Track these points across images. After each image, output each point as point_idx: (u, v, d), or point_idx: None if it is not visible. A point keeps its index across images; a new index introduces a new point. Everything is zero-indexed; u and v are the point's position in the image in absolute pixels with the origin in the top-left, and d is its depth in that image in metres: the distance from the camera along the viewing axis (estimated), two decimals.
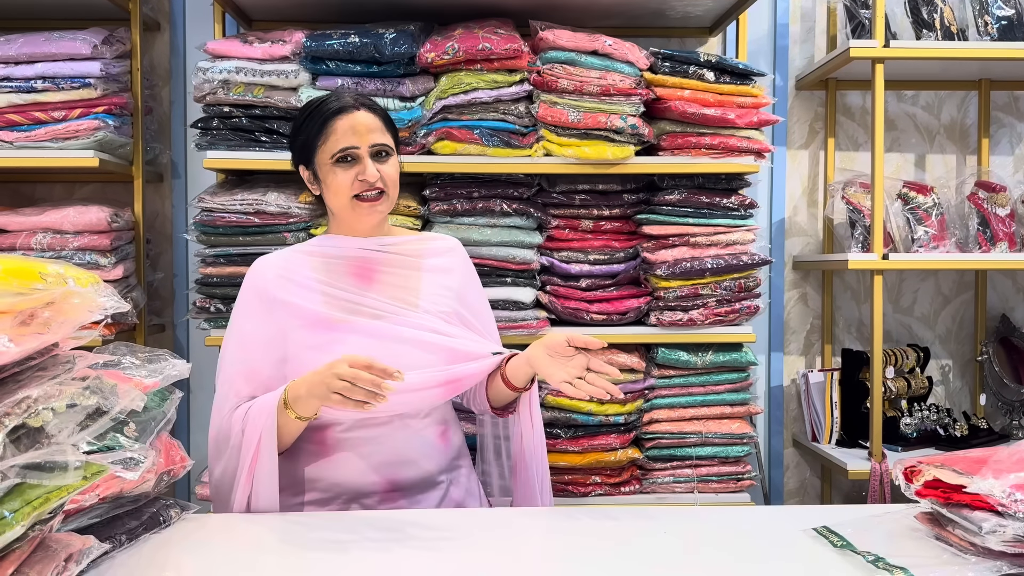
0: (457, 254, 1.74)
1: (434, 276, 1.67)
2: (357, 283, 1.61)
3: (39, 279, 0.89)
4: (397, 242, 1.68)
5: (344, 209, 1.61)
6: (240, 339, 1.60)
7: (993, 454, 1.16)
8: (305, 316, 1.56)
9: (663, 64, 2.22)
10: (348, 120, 1.58)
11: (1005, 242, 2.51)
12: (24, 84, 2.20)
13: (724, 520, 1.43)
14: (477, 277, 1.78)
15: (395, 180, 1.63)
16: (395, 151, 1.64)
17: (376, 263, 1.64)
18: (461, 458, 1.70)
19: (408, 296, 1.62)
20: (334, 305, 1.58)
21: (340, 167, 1.58)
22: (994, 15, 2.46)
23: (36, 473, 0.85)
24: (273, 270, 1.61)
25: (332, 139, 1.58)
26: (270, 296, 1.59)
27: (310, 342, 1.55)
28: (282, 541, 1.31)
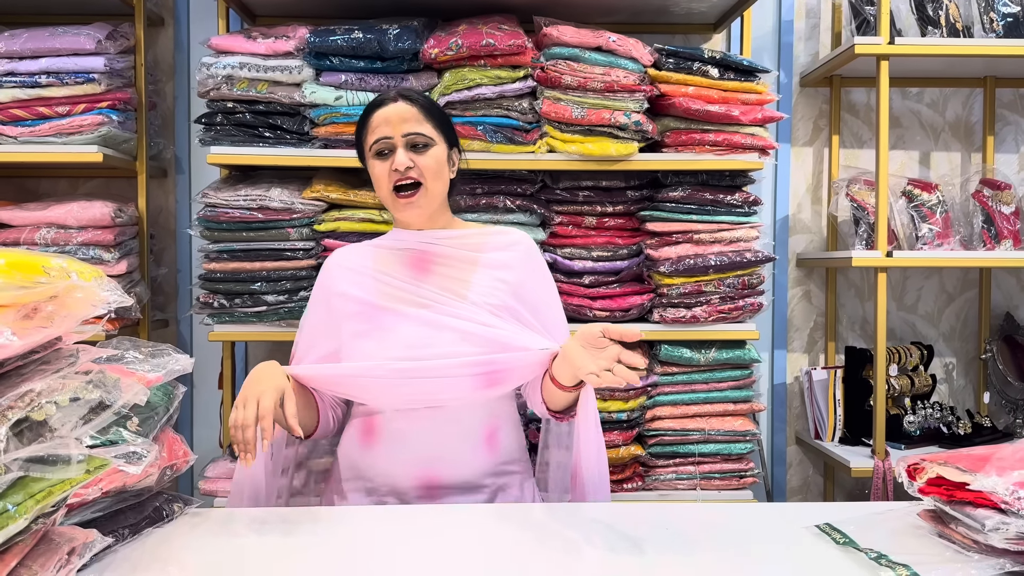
0: (519, 248, 1.67)
1: (490, 270, 1.63)
2: (411, 273, 1.61)
3: (42, 273, 0.89)
4: (456, 235, 1.66)
5: (388, 202, 1.62)
6: (301, 329, 1.68)
7: (996, 452, 1.16)
8: (355, 302, 1.59)
9: (667, 60, 2.21)
10: (383, 112, 1.59)
11: (1010, 240, 2.50)
12: (28, 79, 2.20)
13: (727, 517, 1.43)
14: (543, 274, 1.71)
15: (435, 171, 1.60)
16: (439, 142, 1.61)
17: (433, 255, 1.63)
18: (513, 464, 1.63)
19: (459, 288, 1.60)
20: (383, 293, 1.59)
21: (378, 160, 1.60)
22: (999, 12, 2.45)
23: (39, 466, 0.85)
24: (337, 261, 1.67)
25: (370, 132, 1.61)
26: (330, 287, 1.64)
27: (358, 329, 1.57)
28: (285, 535, 1.31)
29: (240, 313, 2.18)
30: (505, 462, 1.61)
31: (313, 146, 2.20)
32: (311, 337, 1.64)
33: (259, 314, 2.18)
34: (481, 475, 1.57)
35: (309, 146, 2.20)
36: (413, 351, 1.52)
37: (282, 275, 2.18)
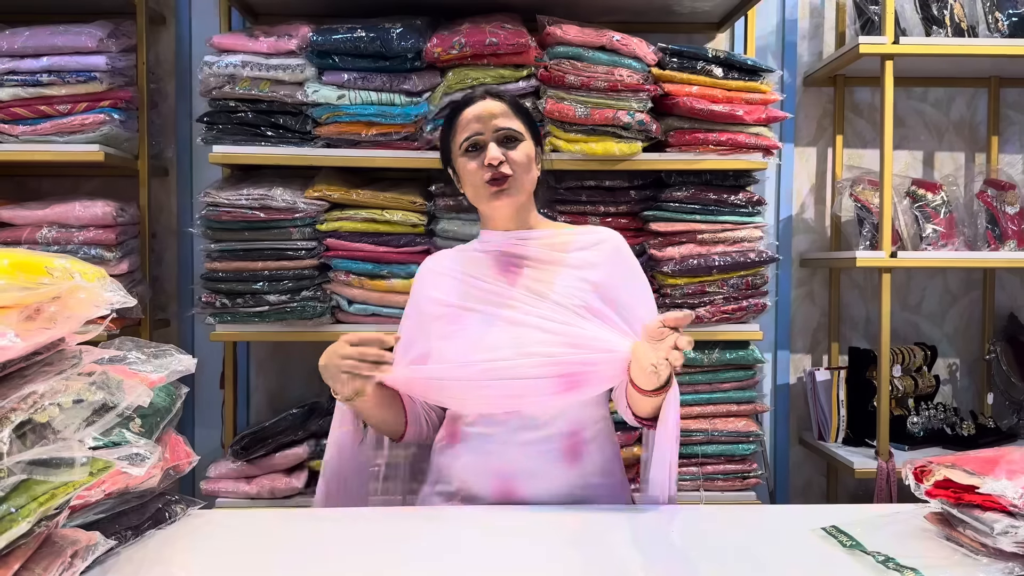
0: (605, 248, 1.64)
1: (574, 270, 1.60)
2: (495, 275, 1.61)
3: (45, 273, 0.88)
4: (542, 235, 1.65)
5: (479, 199, 1.61)
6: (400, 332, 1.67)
7: (1006, 454, 1.15)
8: (441, 305, 1.61)
9: (671, 60, 2.20)
10: (473, 110, 1.60)
11: (1014, 240, 2.49)
12: (30, 77, 2.19)
13: (732, 519, 1.42)
14: (634, 273, 1.66)
15: (525, 165, 1.59)
16: (527, 137, 1.61)
17: (518, 256, 1.62)
18: (603, 476, 1.57)
19: (542, 288, 1.58)
20: (467, 295, 1.60)
21: (468, 156, 1.59)
22: (1005, 12, 2.44)
23: (42, 469, 0.84)
24: (428, 266, 1.71)
25: (459, 130, 1.61)
26: (419, 291, 1.68)
27: (443, 331, 1.58)
28: (287, 537, 1.30)
29: (242, 313, 2.17)
30: (592, 474, 1.55)
31: (315, 145, 2.19)
32: (406, 340, 1.65)
33: (261, 314, 2.17)
34: (562, 490, 1.52)
35: (311, 145, 2.19)
36: (495, 352, 1.51)
37: (284, 275, 2.17)
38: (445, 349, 1.57)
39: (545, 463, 1.52)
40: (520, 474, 1.51)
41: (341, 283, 2.20)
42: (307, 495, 2.19)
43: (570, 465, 1.53)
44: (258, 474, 2.19)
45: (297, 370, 2.63)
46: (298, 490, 2.17)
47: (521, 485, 1.51)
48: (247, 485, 2.17)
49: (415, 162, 2.19)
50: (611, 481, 1.59)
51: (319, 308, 2.17)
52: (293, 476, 2.18)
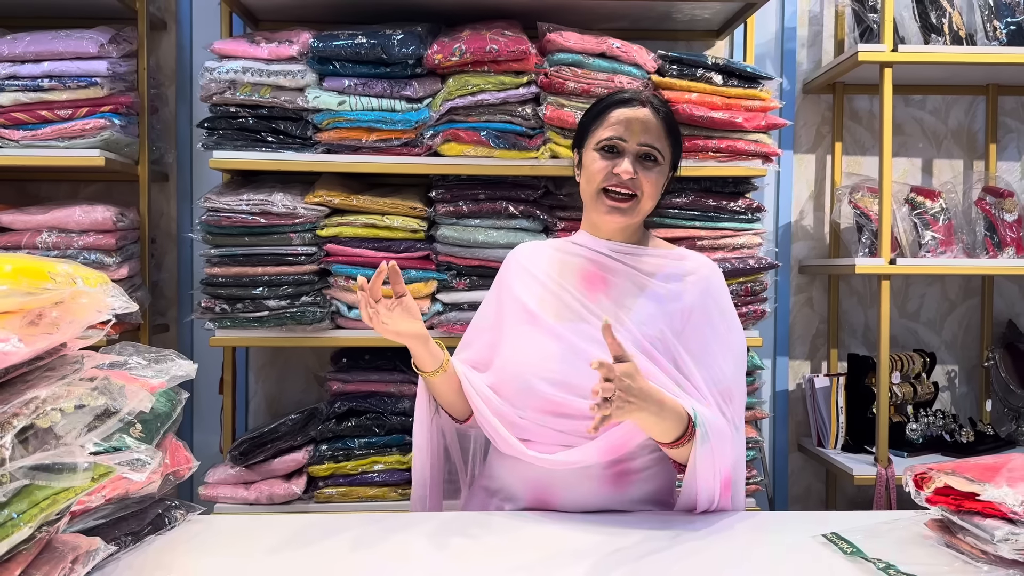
0: (694, 279, 1.55)
1: (656, 301, 1.53)
2: (580, 286, 1.57)
3: (48, 279, 0.88)
4: (636, 252, 1.58)
5: (591, 200, 1.56)
6: (476, 317, 1.70)
7: (1007, 462, 1.15)
8: (519, 306, 1.59)
9: (671, 67, 2.21)
10: (626, 112, 1.54)
11: (1012, 248, 2.50)
12: (31, 83, 2.19)
13: (732, 525, 1.42)
14: (721, 310, 1.56)
15: (654, 191, 1.54)
16: (667, 162, 1.56)
17: (606, 272, 1.57)
18: (650, 504, 1.53)
19: (619, 311, 1.53)
20: (546, 302, 1.57)
21: (601, 155, 1.54)
22: (1003, 20, 2.45)
23: (44, 474, 0.84)
24: (517, 258, 1.68)
25: (604, 126, 1.55)
26: (506, 283, 1.65)
27: (513, 331, 1.57)
28: (287, 542, 1.30)
29: (241, 318, 2.17)
30: (638, 501, 1.51)
31: (316, 151, 2.19)
32: (481, 324, 1.66)
33: (260, 319, 2.17)
34: (603, 507, 1.49)
35: (312, 151, 2.20)
36: (556, 367, 1.49)
37: (284, 280, 2.17)
38: (508, 356, 1.56)
39: (587, 484, 1.49)
40: (557, 487, 1.49)
41: (341, 288, 2.20)
42: (306, 501, 2.19)
43: (614, 489, 1.50)
44: (257, 480, 2.18)
45: (296, 375, 2.62)
46: (297, 496, 2.17)
47: (558, 496, 1.49)
48: (246, 491, 2.17)
49: (415, 168, 2.19)
50: (656, 508, 1.54)
51: (319, 313, 2.17)
52: (292, 482, 2.18)
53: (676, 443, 1.41)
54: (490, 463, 1.63)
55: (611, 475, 1.49)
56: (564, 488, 1.49)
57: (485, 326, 1.66)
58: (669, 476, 1.58)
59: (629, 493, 1.51)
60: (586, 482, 1.49)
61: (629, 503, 1.51)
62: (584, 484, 1.49)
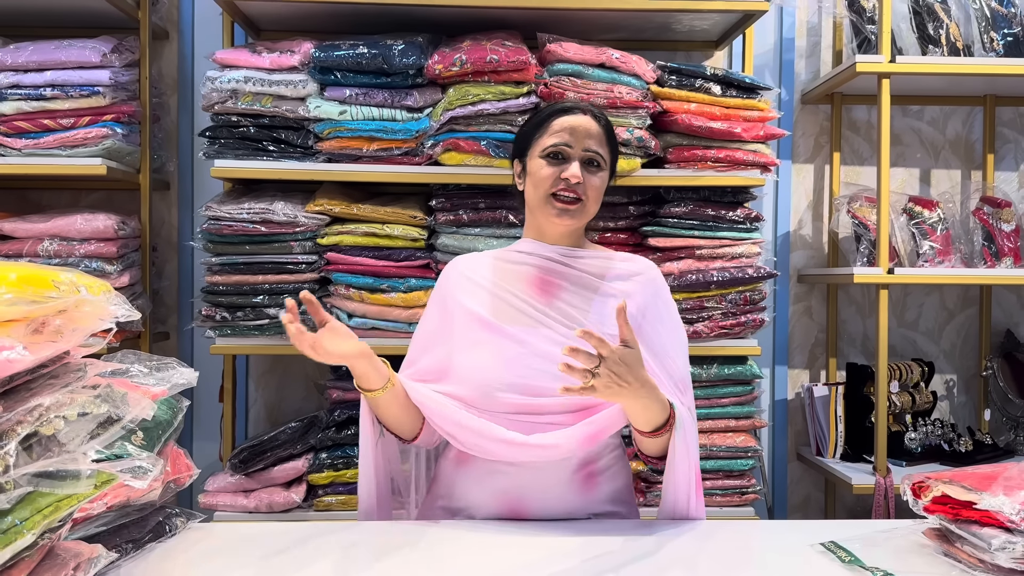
0: (642, 279, 1.62)
1: (610, 299, 1.57)
2: (531, 292, 1.58)
3: (52, 287, 0.89)
4: (583, 255, 1.61)
5: (538, 205, 1.57)
6: (417, 332, 1.68)
7: (1004, 471, 1.16)
8: (470, 314, 1.58)
9: (670, 77, 2.23)
10: (569, 120, 1.57)
11: (1010, 257, 2.51)
12: (33, 91, 2.20)
13: (731, 534, 1.43)
14: (667, 308, 1.63)
15: (597, 194, 1.58)
16: (608, 167, 1.60)
17: (557, 276, 1.59)
18: (613, 504, 1.57)
19: (575, 313, 1.56)
20: (499, 310, 1.57)
21: (547, 161, 1.56)
22: (1000, 32, 2.47)
23: (48, 481, 0.85)
24: (458, 269, 1.67)
25: (548, 134, 1.57)
26: (448, 294, 1.64)
27: (467, 340, 1.56)
28: (287, 551, 1.30)
29: (242, 326, 2.18)
30: (602, 502, 1.55)
31: (317, 160, 2.21)
32: (425, 341, 1.64)
33: (261, 327, 2.18)
34: (571, 513, 1.52)
35: (313, 160, 2.21)
36: (520, 372, 1.50)
37: (284, 288, 2.18)
38: (467, 365, 1.54)
39: (557, 488, 1.51)
40: (530, 497, 1.50)
41: (341, 297, 2.20)
42: (305, 509, 2.19)
43: (582, 492, 1.53)
44: (256, 488, 2.19)
45: (296, 384, 2.63)
46: (296, 504, 2.17)
47: (530, 506, 1.50)
48: (245, 499, 2.17)
49: (416, 177, 2.20)
50: (621, 509, 1.59)
51: None
52: (291, 490, 2.18)
53: (657, 432, 1.45)
54: (447, 482, 1.59)
55: (580, 478, 1.52)
56: (535, 496, 1.50)
57: (431, 342, 1.63)
58: (628, 474, 1.64)
59: (595, 495, 1.54)
60: (556, 487, 1.51)
61: (596, 504, 1.55)
62: (554, 489, 1.51)
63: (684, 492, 1.48)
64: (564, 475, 1.51)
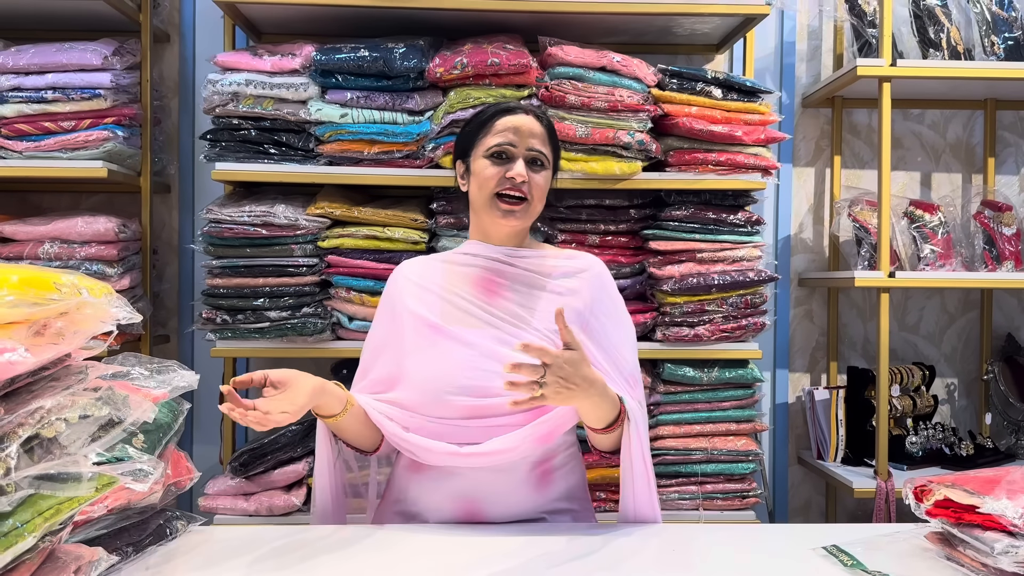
0: (587, 276, 1.63)
1: (557, 296, 1.58)
2: (478, 294, 1.58)
3: (54, 289, 0.88)
4: (528, 255, 1.62)
5: (484, 206, 1.58)
6: (368, 339, 1.67)
7: (1006, 475, 1.16)
8: (419, 319, 1.57)
9: (671, 81, 2.23)
10: (512, 119, 1.58)
11: (1011, 261, 2.51)
12: (34, 94, 2.20)
13: (733, 538, 1.42)
14: (613, 303, 1.64)
15: (542, 192, 1.59)
16: (551, 166, 1.61)
17: (503, 277, 1.60)
18: (568, 501, 1.59)
19: (523, 312, 1.56)
20: (446, 313, 1.57)
21: (492, 161, 1.56)
22: (1000, 36, 2.47)
23: (49, 484, 0.84)
24: (405, 274, 1.66)
25: (491, 134, 1.58)
26: (397, 299, 1.63)
27: (417, 345, 1.56)
28: (288, 554, 1.30)
29: (243, 329, 2.18)
30: (557, 499, 1.57)
31: (318, 163, 2.21)
32: (376, 349, 1.63)
33: (261, 330, 2.18)
34: (528, 513, 1.53)
35: (314, 163, 2.21)
36: (470, 374, 1.50)
37: (285, 291, 2.18)
38: (418, 371, 1.53)
39: (514, 488, 1.52)
40: (487, 499, 1.51)
41: (342, 300, 2.20)
42: (305, 512, 2.19)
43: (538, 491, 1.54)
44: (256, 491, 2.18)
45: None
46: (296, 507, 2.16)
47: (487, 508, 1.51)
48: (245, 502, 2.17)
49: (417, 180, 2.20)
50: (576, 506, 1.60)
51: (319, 325, 2.17)
52: (292, 493, 2.18)
53: (609, 428, 1.46)
54: (401, 486, 1.59)
55: (536, 476, 1.53)
56: (492, 497, 1.50)
57: (381, 350, 1.62)
58: (583, 471, 1.65)
59: (551, 493, 1.55)
60: (513, 487, 1.51)
61: (552, 502, 1.56)
62: (511, 489, 1.51)
63: (643, 486, 1.49)
64: (520, 475, 1.52)
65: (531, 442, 1.48)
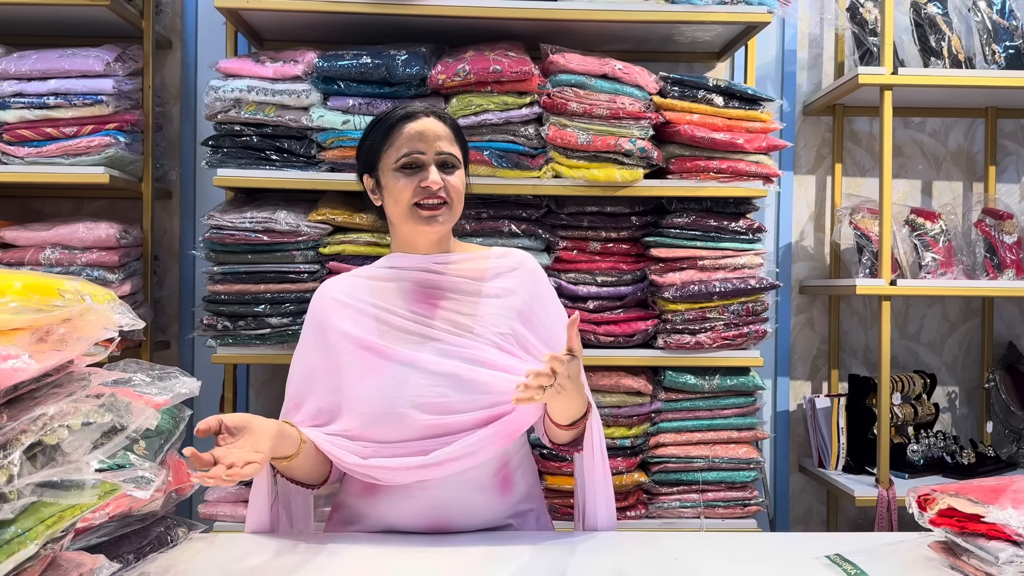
0: (521, 272, 1.60)
1: (495, 299, 1.56)
2: (414, 308, 1.53)
3: (58, 295, 0.88)
4: (457, 260, 1.59)
5: (404, 219, 1.54)
6: (295, 367, 1.59)
7: (1011, 484, 1.15)
8: (355, 342, 1.51)
9: (672, 88, 2.23)
10: (415, 126, 1.53)
11: (1012, 269, 2.51)
12: (37, 100, 2.21)
13: (736, 546, 1.42)
14: (549, 295, 1.64)
15: (460, 193, 1.55)
16: (462, 164, 1.58)
17: (437, 287, 1.55)
18: (528, 502, 1.59)
19: (464, 320, 1.53)
20: (385, 332, 1.51)
21: (403, 173, 1.52)
22: (1001, 44, 2.48)
23: (52, 491, 0.84)
24: (330, 295, 1.58)
25: (397, 144, 1.53)
26: (325, 323, 1.56)
27: (358, 369, 1.50)
28: (289, 561, 1.30)
29: (243, 335, 2.17)
30: (519, 501, 1.57)
31: (320, 169, 2.21)
32: (307, 378, 1.55)
33: (262, 336, 2.18)
34: (495, 518, 1.53)
35: (316, 169, 2.21)
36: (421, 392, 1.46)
37: (286, 297, 2.18)
38: (362, 395, 1.48)
39: (478, 497, 1.51)
40: (452, 511, 1.49)
41: None
42: None
43: (501, 495, 1.54)
44: None
45: None
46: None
47: (454, 519, 1.49)
48: (245, 509, 2.15)
49: None
50: (536, 505, 1.61)
51: None
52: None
53: (576, 424, 1.49)
54: (358, 511, 1.54)
55: (498, 482, 1.53)
56: (458, 507, 1.49)
57: (315, 379, 1.54)
58: (534, 467, 1.66)
59: (512, 497, 1.56)
60: (478, 495, 1.51)
61: (515, 505, 1.56)
62: (476, 497, 1.50)
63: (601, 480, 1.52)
64: (483, 482, 1.51)
65: (499, 440, 1.47)
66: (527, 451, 1.64)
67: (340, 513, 1.59)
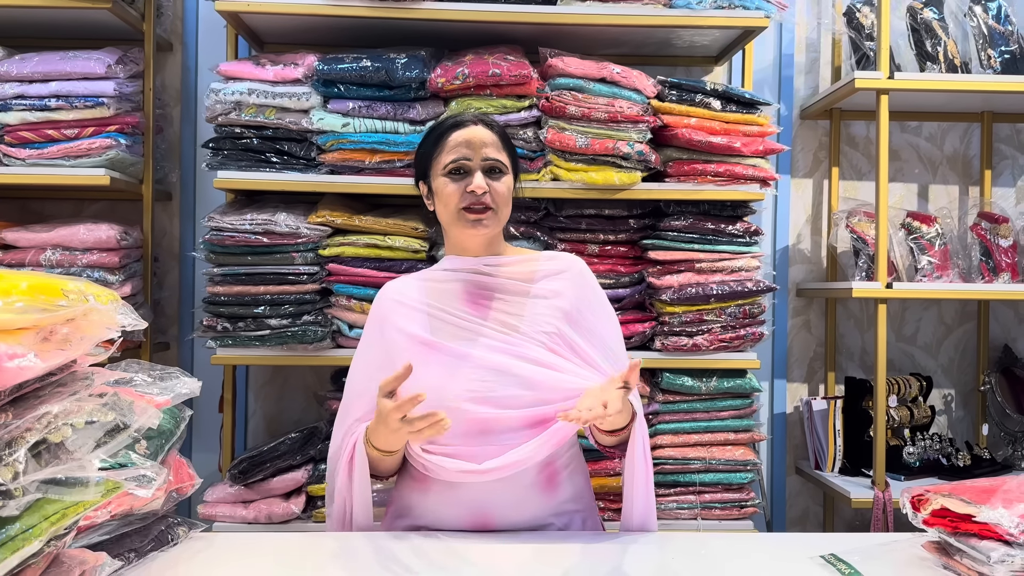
0: (569, 275, 1.65)
1: (543, 299, 1.61)
2: (465, 307, 1.60)
3: (62, 296, 0.90)
4: (507, 262, 1.65)
5: (453, 223, 1.61)
6: (357, 364, 1.66)
7: (1002, 484, 1.17)
8: (410, 338, 1.58)
9: (670, 92, 2.24)
10: (463, 133, 1.60)
11: (1008, 273, 2.52)
12: (38, 102, 2.22)
13: (732, 547, 1.43)
14: (598, 297, 1.68)
15: (506, 198, 1.61)
16: (510, 170, 1.63)
17: (487, 288, 1.62)
18: (575, 502, 1.60)
19: (512, 320, 1.58)
20: (437, 328, 1.58)
21: (451, 178, 1.59)
22: (997, 49, 2.49)
23: (56, 488, 0.85)
24: (389, 296, 1.66)
25: (446, 151, 1.60)
26: (384, 321, 1.63)
27: (413, 361, 1.51)
28: (289, 561, 1.31)
29: (243, 337, 2.18)
30: (565, 501, 1.58)
31: (320, 172, 2.22)
32: (368, 373, 1.60)
33: (262, 338, 2.19)
34: (539, 517, 1.55)
35: (316, 172, 2.22)
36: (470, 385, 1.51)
37: (286, 299, 2.19)
38: (414, 387, 1.49)
39: (522, 494, 1.53)
40: (496, 505, 1.52)
41: (342, 308, 2.21)
42: (304, 520, 2.19)
43: (546, 494, 1.55)
44: (256, 499, 2.19)
45: (295, 394, 2.63)
46: (295, 515, 2.17)
47: (496, 516, 1.52)
48: (244, 509, 2.17)
49: None
50: (583, 507, 1.62)
51: (320, 332, 2.18)
52: (291, 501, 2.18)
53: (621, 431, 1.52)
54: (408, 503, 1.59)
55: (543, 480, 1.55)
56: (502, 505, 1.51)
57: (374, 371, 1.58)
58: (585, 471, 1.68)
59: (558, 495, 1.57)
60: (522, 492, 1.52)
61: (560, 504, 1.57)
62: (521, 494, 1.52)
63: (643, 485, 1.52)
64: (527, 479, 1.53)
65: (547, 448, 1.50)
66: (576, 451, 1.65)
67: (394, 506, 1.64)
